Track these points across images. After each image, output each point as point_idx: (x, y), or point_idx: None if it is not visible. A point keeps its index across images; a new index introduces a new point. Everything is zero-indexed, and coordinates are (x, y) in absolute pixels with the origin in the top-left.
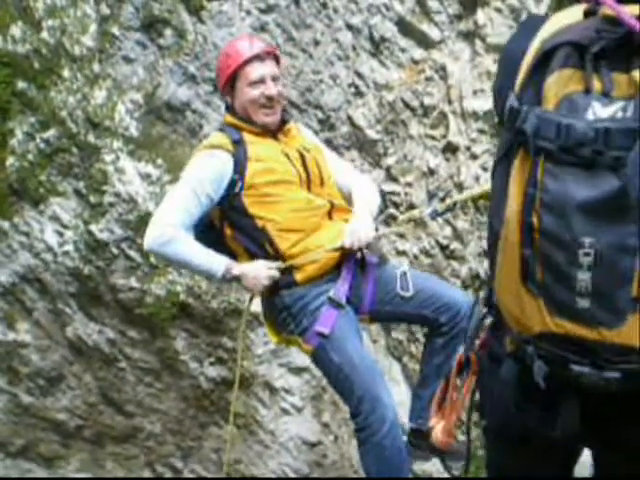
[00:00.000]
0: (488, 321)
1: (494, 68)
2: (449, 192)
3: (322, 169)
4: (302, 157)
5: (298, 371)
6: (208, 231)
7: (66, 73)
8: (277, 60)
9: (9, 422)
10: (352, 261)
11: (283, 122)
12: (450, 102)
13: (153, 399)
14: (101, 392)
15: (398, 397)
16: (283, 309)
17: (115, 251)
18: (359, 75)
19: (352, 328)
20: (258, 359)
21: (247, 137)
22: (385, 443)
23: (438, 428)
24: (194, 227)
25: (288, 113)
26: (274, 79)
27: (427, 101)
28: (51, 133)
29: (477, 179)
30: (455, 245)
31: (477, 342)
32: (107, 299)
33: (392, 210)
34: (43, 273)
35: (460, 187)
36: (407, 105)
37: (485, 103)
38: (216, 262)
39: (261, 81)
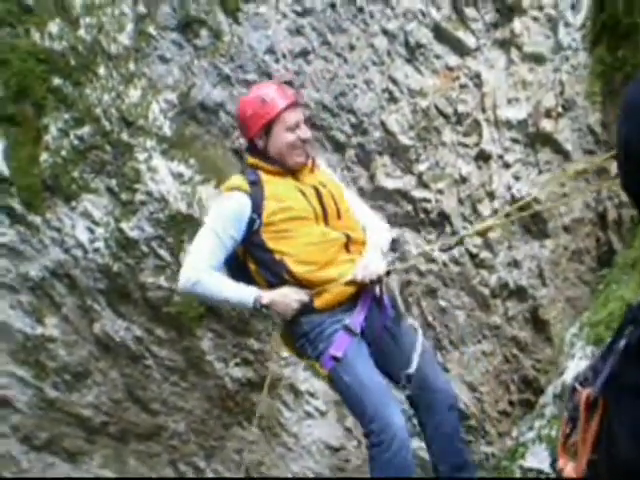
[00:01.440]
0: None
1: (529, 77)
2: (481, 199)
3: (339, 203)
4: (318, 192)
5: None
6: (242, 266)
7: (102, 71)
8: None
9: (34, 416)
10: (369, 296)
11: (308, 158)
12: (484, 110)
13: (178, 398)
14: (127, 389)
15: None
16: (302, 336)
17: (145, 249)
18: (393, 81)
19: (364, 354)
20: (284, 362)
21: (264, 177)
22: (394, 461)
23: (569, 469)
24: (225, 264)
25: (313, 154)
26: (305, 123)
27: (461, 108)
28: (85, 130)
29: (509, 188)
30: (485, 254)
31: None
32: (135, 297)
33: (422, 215)
34: (73, 269)
35: (492, 196)
36: (440, 112)
37: (519, 112)
38: (246, 294)
39: (297, 126)
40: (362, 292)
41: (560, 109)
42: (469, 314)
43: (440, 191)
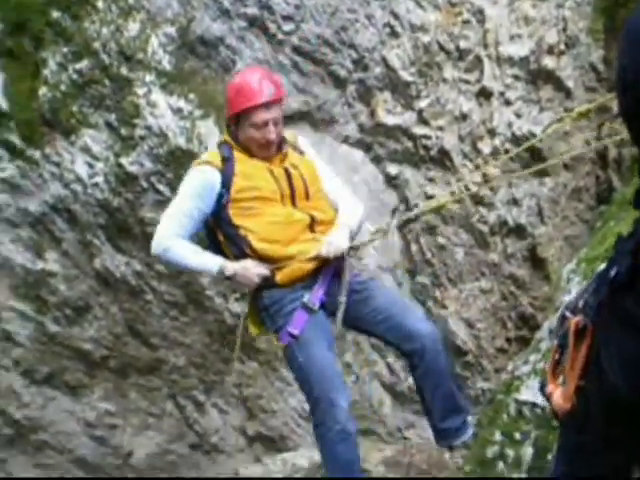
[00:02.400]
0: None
1: (532, 13)
2: (481, 137)
3: (309, 185)
4: (287, 174)
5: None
6: (213, 236)
7: (100, 4)
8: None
9: (35, 350)
10: (330, 271)
11: (279, 149)
12: (486, 46)
13: (178, 332)
14: (127, 323)
15: None
16: (262, 309)
17: (144, 184)
18: (395, 15)
19: (322, 332)
20: None
21: (237, 155)
22: (336, 442)
23: (557, 394)
24: (196, 231)
25: (284, 144)
26: (275, 123)
27: (463, 44)
28: (84, 64)
29: (510, 125)
30: (484, 192)
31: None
32: (135, 232)
33: (422, 152)
34: (73, 204)
35: (492, 133)
36: (442, 48)
37: (521, 49)
38: (211, 264)
39: (264, 125)
40: (323, 268)
41: (562, 46)
42: (468, 251)
43: (441, 128)
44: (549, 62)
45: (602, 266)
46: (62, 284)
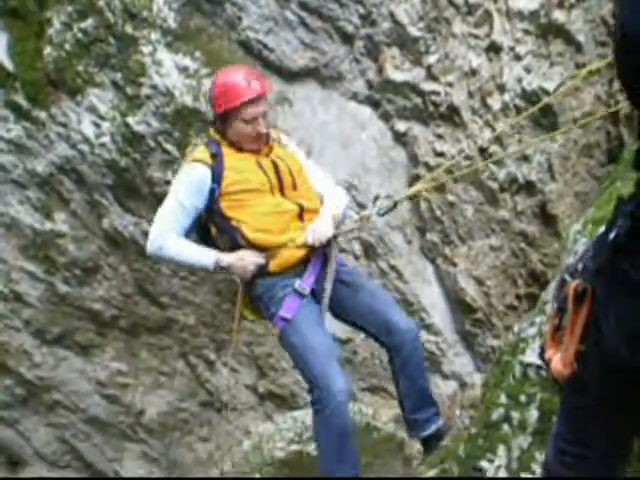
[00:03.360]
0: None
1: None
2: (491, 93)
3: (295, 176)
4: (275, 165)
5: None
6: (205, 230)
7: None
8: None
9: (46, 310)
10: (319, 257)
11: (267, 142)
12: (495, 0)
13: (187, 292)
14: (136, 283)
15: (430, 299)
16: (256, 297)
17: (152, 144)
18: None
19: (313, 315)
20: None
21: (225, 150)
22: (333, 418)
23: (556, 359)
24: (189, 229)
25: (270, 137)
26: (264, 116)
27: None
28: (88, 23)
29: (520, 81)
30: (494, 148)
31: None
32: (143, 192)
33: (431, 109)
34: (80, 164)
35: (502, 89)
36: (451, 2)
37: (531, 2)
38: (206, 257)
39: (254, 119)
40: (312, 255)
41: None
42: (477, 208)
43: (450, 84)
44: (559, 16)
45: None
46: (71, 244)
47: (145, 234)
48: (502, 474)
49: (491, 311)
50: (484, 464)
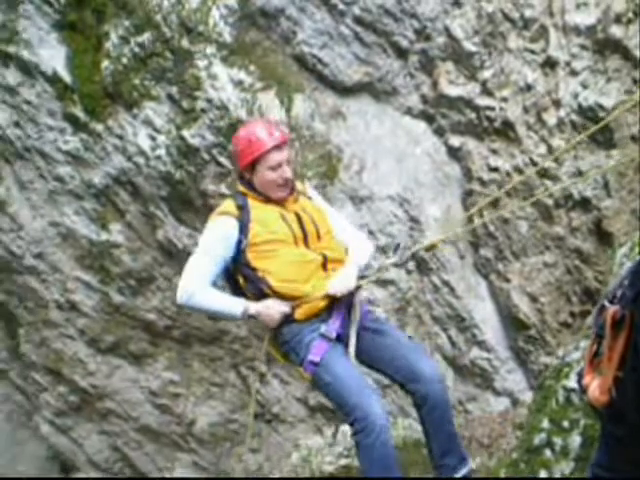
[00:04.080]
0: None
1: None
2: (546, 108)
3: (319, 226)
4: (299, 218)
5: (384, 283)
6: (234, 281)
7: None
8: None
9: (101, 320)
10: (343, 305)
11: (292, 192)
12: (552, 15)
13: None
14: None
15: (482, 314)
16: (284, 343)
17: (206, 157)
18: None
19: (340, 355)
20: None
21: (252, 203)
22: (375, 445)
23: (594, 386)
24: (218, 278)
25: (295, 189)
26: (288, 163)
27: (528, 13)
28: (145, 37)
29: (576, 96)
30: (549, 164)
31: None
32: (197, 204)
33: (486, 124)
34: (135, 176)
35: (558, 104)
36: (507, 17)
37: (588, 17)
38: (234, 306)
39: (279, 166)
40: (336, 303)
41: (631, 14)
42: (532, 224)
43: (504, 99)
44: (616, 31)
45: None
46: (126, 255)
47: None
48: None
49: (544, 328)
50: None
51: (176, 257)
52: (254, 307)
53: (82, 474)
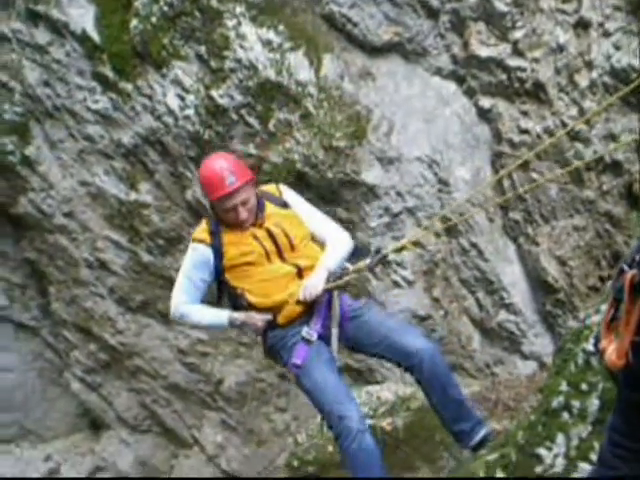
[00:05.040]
0: None
1: None
2: (578, 69)
3: (292, 237)
4: (270, 234)
5: (411, 246)
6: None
7: None
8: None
9: (130, 279)
10: (322, 306)
11: (256, 218)
12: None
13: None
14: None
15: (510, 278)
16: (271, 348)
17: (234, 117)
18: None
19: (321, 359)
20: (372, 231)
21: (223, 228)
22: (354, 449)
23: (611, 350)
24: (203, 295)
25: (261, 209)
26: (244, 203)
27: None
28: None
29: (608, 58)
30: (580, 126)
31: None
32: None
33: (517, 85)
34: (164, 136)
35: (590, 65)
36: None
37: None
38: (221, 318)
39: (233, 209)
40: (315, 305)
41: None
42: (562, 188)
43: (536, 60)
44: None
45: None
46: (155, 215)
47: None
48: (560, 462)
49: (573, 292)
50: (542, 451)
51: (204, 217)
52: (238, 317)
53: (111, 431)
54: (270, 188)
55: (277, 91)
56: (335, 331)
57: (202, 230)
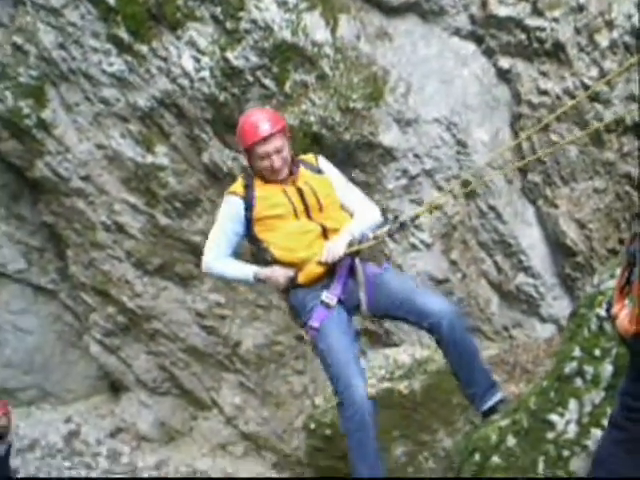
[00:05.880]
0: None
1: None
2: (598, 29)
3: (321, 198)
4: (300, 192)
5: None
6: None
7: None
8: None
9: (147, 242)
10: (343, 270)
11: (291, 173)
12: None
13: None
14: None
15: (529, 240)
16: (292, 308)
17: (250, 79)
18: None
19: (339, 324)
20: (389, 194)
21: (256, 181)
22: (354, 417)
23: (623, 315)
24: (236, 249)
25: (296, 166)
26: (278, 151)
27: None
28: None
29: (629, 17)
30: (601, 87)
31: None
32: None
33: (536, 45)
34: (180, 98)
35: (610, 25)
36: None
37: None
38: (246, 272)
39: (267, 156)
40: (337, 269)
41: None
42: (582, 149)
43: (556, 19)
44: None
45: None
46: (171, 178)
47: (244, 169)
48: (572, 428)
49: (592, 255)
50: (554, 417)
51: (221, 180)
52: (263, 272)
53: (130, 393)
54: (307, 157)
55: (293, 52)
56: (363, 295)
57: (236, 185)
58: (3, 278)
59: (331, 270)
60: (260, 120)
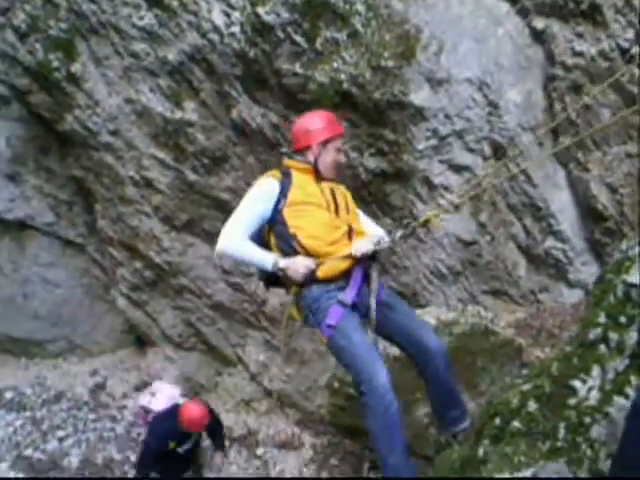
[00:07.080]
0: None
1: None
2: None
3: (348, 203)
4: (332, 191)
5: (458, 169)
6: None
7: None
8: None
9: (175, 198)
10: (359, 275)
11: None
12: None
13: None
14: (263, 173)
15: (559, 204)
16: (305, 307)
17: (281, 35)
18: None
19: (355, 322)
20: (419, 154)
21: (295, 173)
22: (378, 408)
23: None
24: (254, 233)
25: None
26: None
27: None
28: None
29: None
30: (637, 49)
31: None
32: (271, 83)
33: (572, 6)
34: (210, 54)
35: None
36: None
37: None
38: (266, 258)
39: (341, 151)
40: (353, 271)
41: None
42: (615, 113)
43: None
44: None
45: None
46: (200, 134)
47: (273, 126)
48: (594, 395)
49: (623, 220)
50: (577, 384)
51: (250, 137)
52: (283, 261)
53: (156, 348)
54: None
55: (324, 8)
56: (374, 302)
57: (275, 171)
58: (32, 231)
59: (348, 272)
60: (340, 120)
